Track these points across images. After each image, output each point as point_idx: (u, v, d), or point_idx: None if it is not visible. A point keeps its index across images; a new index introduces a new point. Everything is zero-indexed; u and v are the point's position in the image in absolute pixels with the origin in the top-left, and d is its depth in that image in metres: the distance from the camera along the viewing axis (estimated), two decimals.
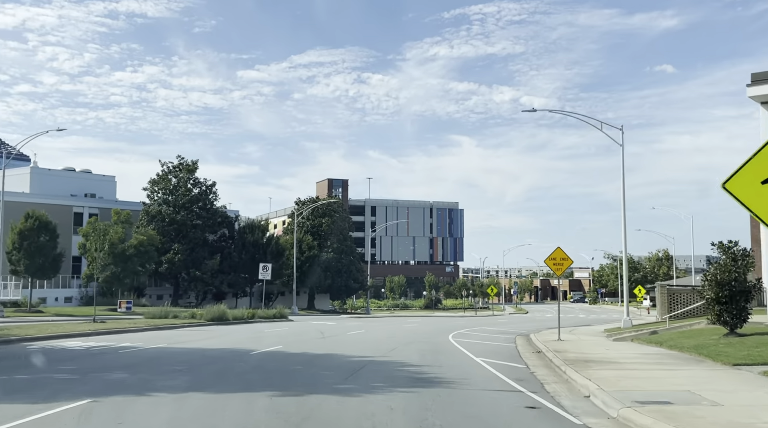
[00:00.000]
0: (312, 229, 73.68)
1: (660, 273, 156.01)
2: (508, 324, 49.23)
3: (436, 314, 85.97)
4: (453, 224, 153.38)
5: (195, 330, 30.23)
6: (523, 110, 26.83)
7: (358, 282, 73.25)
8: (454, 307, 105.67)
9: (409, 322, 48.25)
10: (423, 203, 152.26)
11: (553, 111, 34.75)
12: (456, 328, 39.36)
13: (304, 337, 26.78)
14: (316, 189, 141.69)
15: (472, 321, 54.58)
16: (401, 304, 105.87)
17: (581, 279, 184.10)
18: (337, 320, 47.99)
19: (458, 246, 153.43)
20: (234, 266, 61.23)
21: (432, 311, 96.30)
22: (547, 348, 21.22)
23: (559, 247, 25.78)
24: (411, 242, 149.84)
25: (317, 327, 35.22)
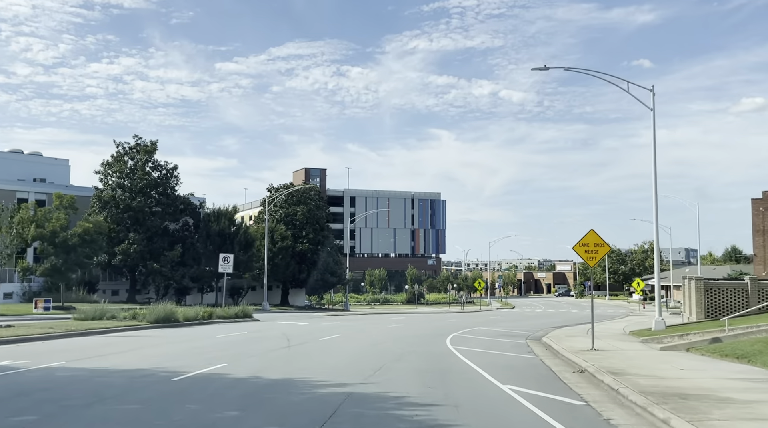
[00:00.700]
0: (286, 218, 67.47)
1: (647, 266, 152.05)
2: (504, 322, 43.67)
3: (420, 309, 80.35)
4: (435, 215, 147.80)
5: (128, 336, 24.06)
6: (533, 68, 22.83)
7: (336, 276, 67.25)
8: (438, 302, 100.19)
9: (394, 321, 42.49)
10: (404, 194, 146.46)
11: (569, 69, 28.05)
12: (449, 329, 33.62)
13: (262, 346, 20.76)
14: (292, 178, 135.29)
15: (463, 319, 48.96)
16: (382, 299, 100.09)
17: (565, 272, 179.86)
18: (311, 318, 42.07)
19: (440, 238, 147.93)
20: (197, 258, 54.89)
21: (415, 306, 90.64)
22: (590, 364, 15.47)
23: (592, 230, 20.06)
24: (392, 234, 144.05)
25: (285, 330, 29.21)
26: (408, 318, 47.86)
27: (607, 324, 42.35)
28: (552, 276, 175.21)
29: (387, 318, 47.11)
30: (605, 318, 56.39)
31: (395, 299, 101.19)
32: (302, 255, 65.29)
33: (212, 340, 22.81)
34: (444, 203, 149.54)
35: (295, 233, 66.27)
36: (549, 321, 47.31)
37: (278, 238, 61.97)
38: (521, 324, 42.87)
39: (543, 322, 46.14)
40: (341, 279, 68.92)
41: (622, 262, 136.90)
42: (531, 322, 45.83)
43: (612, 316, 60.75)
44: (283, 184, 68.22)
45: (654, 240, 30.08)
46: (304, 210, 67.30)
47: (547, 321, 47.35)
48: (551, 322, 46.18)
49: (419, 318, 49.15)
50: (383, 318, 46.93)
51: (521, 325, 41.06)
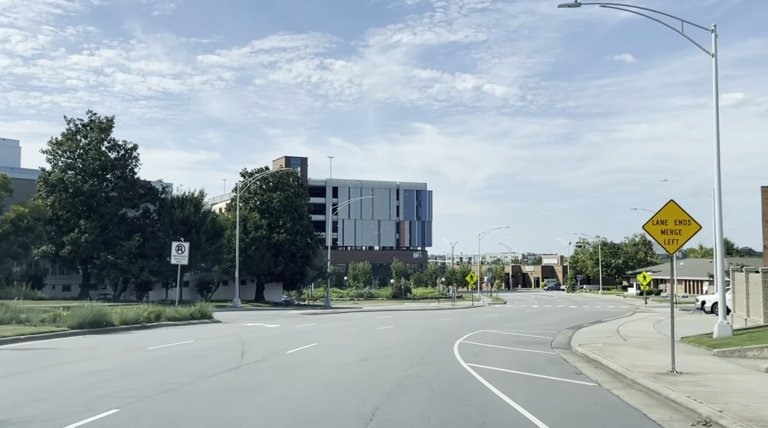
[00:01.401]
0: (261, 206, 61.09)
1: (640, 258, 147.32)
2: (506, 322, 37.80)
3: (407, 305, 74.39)
4: (421, 207, 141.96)
5: (24, 350, 17.76)
6: (560, 6, 18.72)
7: (315, 269, 60.98)
8: (425, 296, 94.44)
9: (380, 320, 36.47)
10: (389, 184, 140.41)
11: (606, 5, 22.09)
12: (448, 332, 27.76)
13: (199, 367, 14.53)
14: (272, 168, 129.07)
15: (458, 317, 43.02)
16: (366, 293, 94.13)
17: (553, 266, 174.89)
18: (285, 318, 35.92)
19: (426, 230, 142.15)
20: (159, 249, 48.41)
21: (401, 302, 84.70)
22: (712, 408, 9.53)
23: (672, 201, 14.08)
24: (376, 226, 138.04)
25: (246, 337, 23.02)
26: (396, 317, 41.89)
27: (629, 324, 36.60)
28: (540, 270, 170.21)
29: (372, 317, 41.09)
30: (612, 315, 50.75)
31: (380, 293, 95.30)
32: (279, 246, 58.99)
33: (135, 355, 16.57)
34: (430, 193, 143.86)
35: (272, 222, 59.92)
36: (555, 319, 41.55)
37: (251, 227, 55.60)
38: (527, 323, 37.04)
39: (549, 320, 40.35)
40: (322, 272, 62.71)
41: (615, 255, 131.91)
42: (536, 321, 40.05)
43: (617, 313, 55.26)
44: (258, 168, 61.77)
45: (716, 227, 24.18)
46: (281, 197, 60.93)
47: (553, 319, 41.58)
48: (558, 320, 40.42)
49: (409, 317, 43.15)
50: (368, 318, 40.91)
51: (528, 325, 35.24)
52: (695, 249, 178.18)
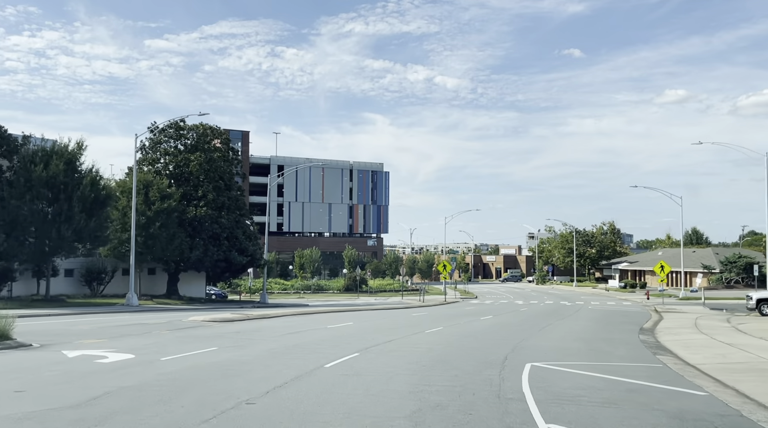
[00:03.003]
0: (175, 170, 46.74)
1: (616, 249, 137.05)
2: (515, 327, 24.90)
3: (364, 300, 61.02)
4: (377, 189, 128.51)
5: None
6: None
7: (246, 254, 46.80)
8: (383, 289, 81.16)
9: (332, 327, 23.00)
10: (341, 164, 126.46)
11: None
12: (452, 354, 14.37)
13: None
14: None
15: (442, 320, 29.84)
16: (314, 285, 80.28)
17: (516, 256, 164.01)
18: (169, 332, 22.07)
19: (382, 216, 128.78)
20: (10, 223, 33.66)
21: (356, 296, 71.15)
22: None
23: None
24: (327, 210, 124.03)
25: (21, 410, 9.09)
26: (355, 320, 28.45)
27: (720, 334, 23.93)
28: (502, 260, 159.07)
29: (320, 321, 27.55)
30: (643, 318, 38.54)
31: (331, 285, 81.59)
32: (197, 224, 44.71)
33: None
34: (387, 175, 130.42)
35: (188, 191, 45.62)
36: (582, 327, 28.79)
37: (156, 196, 41.07)
38: (555, 334, 24.11)
39: (575, 328, 27.58)
40: (255, 259, 48.51)
41: (588, 244, 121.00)
42: (558, 329, 27.31)
43: (641, 315, 43.22)
44: (169, 121, 47.05)
45: None
46: (202, 160, 46.57)
47: (579, 327, 28.83)
48: (587, 328, 27.64)
49: (372, 318, 29.77)
50: (313, 322, 27.35)
51: (558, 335, 22.52)
52: (662, 240, 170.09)
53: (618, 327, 29.64)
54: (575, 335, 24.46)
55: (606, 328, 28.52)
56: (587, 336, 24.12)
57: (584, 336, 24.05)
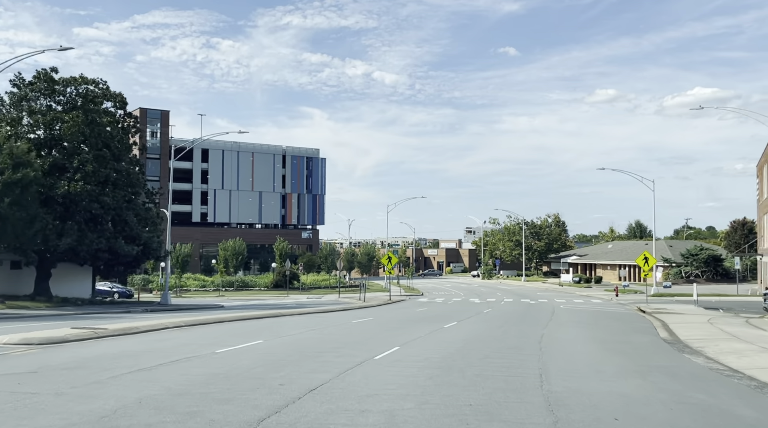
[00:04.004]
0: (46, 137, 36.03)
1: (566, 242, 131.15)
2: (495, 347, 16.08)
3: (294, 298, 51.53)
4: (312, 177, 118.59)
5: None
6: None
7: (137, 243, 36.44)
8: (318, 285, 71.79)
9: (214, 366, 13.61)
10: (273, 149, 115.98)
11: None
12: None
13: None
14: None
15: (385, 326, 20.87)
16: (239, 281, 70.20)
17: (459, 250, 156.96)
18: None
19: (318, 205, 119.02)
20: None
21: (285, 294, 61.52)
22: None
23: None
24: (257, 199, 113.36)
25: None
26: (268, 335, 19.12)
27: None
28: (444, 253, 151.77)
29: (212, 339, 18.10)
30: (628, 320, 30.77)
31: (258, 281, 71.65)
32: (70, 203, 34.21)
33: None
34: (323, 162, 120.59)
35: (59, 161, 35.05)
36: (583, 343, 20.26)
37: (5, 164, 30.38)
38: (569, 355, 15.55)
39: (588, 351, 19.03)
40: (149, 250, 38.10)
41: (537, 236, 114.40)
42: (562, 345, 18.81)
43: (621, 315, 35.63)
44: (43, 69, 36.13)
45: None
46: (81, 121, 35.95)
47: (583, 343, 20.31)
48: (594, 346, 19.10)
49: (295, 329, 20.47)
50: (201, 340, 17.92)
51: (582, 362, 13.79)
52: (605, 233, 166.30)
53: (636, 341, 21.27)
54: (597, 359, 15.89)
55: (623, 345, 20.11)
56: (623, 362, 15.54)
57: (618, 362, 15.47)
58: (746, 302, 44.70)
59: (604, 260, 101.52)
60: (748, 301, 46.20)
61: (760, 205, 64.83)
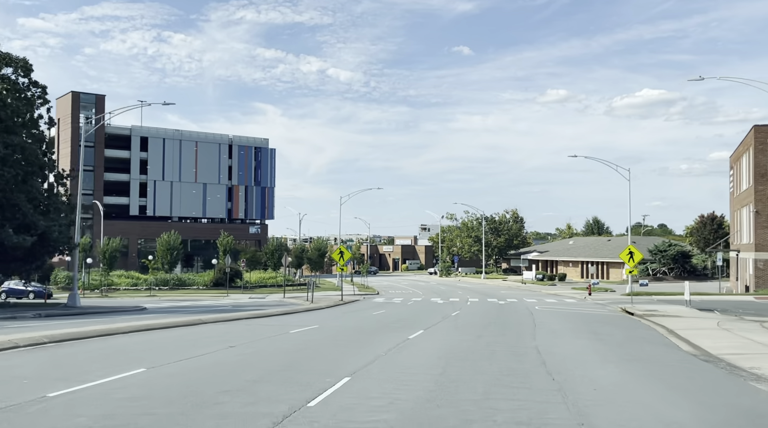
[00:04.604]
0: None
1: (526, 238, 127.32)
2: (488, 377, 10.53)
3: (233, 299, 45.35)
4: (261, 169, 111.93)
5: None
6: None
7: (33, 232, 29.72)
8: (263, 283, 65.61)
9: None
10: (219, 138, 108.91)
11: None
12: None
13: None
14: (56, 110, 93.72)
15: (333, 340, 15.22)
16: (174, 280, 63.51)
17: (415, 246, 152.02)
18: None
19: (267, 199, 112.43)
20: None
21: (224, 292, 55.14)
22: None
23: None
24: (201, 191, 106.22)
25: None
26: (163, 358, 13.27)
27: None
28: (400, 250, 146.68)
29: (82, 359, 12.13)
30: (620, 324, 25.85)
31: (197, 280, 65.06)
32: None
33: None
34: (273, 152, 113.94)
35: None
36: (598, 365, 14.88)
37: None
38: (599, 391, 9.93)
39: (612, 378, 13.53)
40: (49, 241, 31.34)
41: (497, 232, 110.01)
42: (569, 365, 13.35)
43: (603, 318, 30.81)
44: None
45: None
46: None
47: (598, 365, 14.93)
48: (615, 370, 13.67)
49: (206, 348, 14.63)
50: (68, 361, 11.91)
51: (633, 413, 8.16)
52: (562, 230, 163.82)
53: (662, 358, 16.11)
54: (645, 396, 10.58)
55: (652, 365, 14.92)
56: (688, 402, 10.24)
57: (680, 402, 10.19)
58: (735, 302, 40.43)
59: (566, 257, 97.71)
60: (736, 300, 41.99)
61: (734, 199, 61.34)
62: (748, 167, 52.19)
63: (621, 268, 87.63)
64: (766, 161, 48.57)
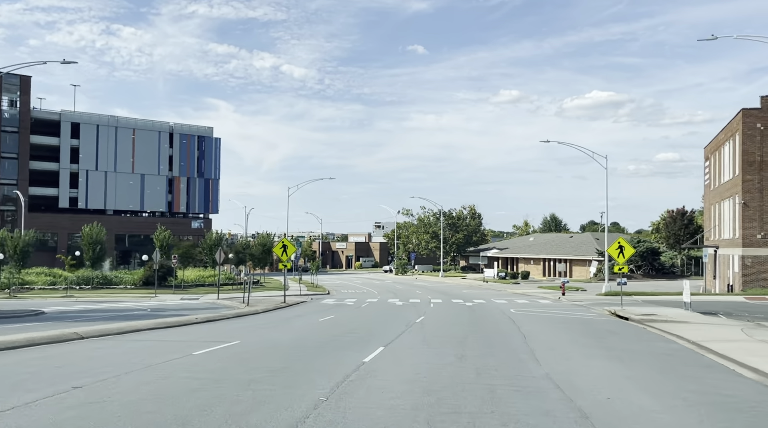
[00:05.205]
0: None
1: (485, 235, 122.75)
2: None
3: (160, 300, 38.77)
4: (205, 159, 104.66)
5: None
6: None
7: None
8: (201, 282, 59.11)
9: None
10: (159, 126, 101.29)
11: None
12: None
13: None
14: None
15: (252, 365, 9.36)
16: (100, 278, 56.37)
17: (369, 243, 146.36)
18: None
19: (212, 192, 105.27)
20: None
21: (152, 292, 48.39)
22: None
23: None
24: (139, 182, 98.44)
25: None
26: None
27: None
28: (353, 247, 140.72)
29: None
30: (625, 335, 20.50)
31: (126, 278, 58.00)
32: None
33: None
34: (218, 142, 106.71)
35: None
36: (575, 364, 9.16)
37: None
38: None
39: None
40: None
41: (455, 228, 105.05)
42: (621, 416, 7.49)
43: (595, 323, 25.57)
44: None
45: None
46: None
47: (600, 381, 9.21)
48: None
49: (50, 382, 8.70)
50: None
51: None
52: (520, 226, 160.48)
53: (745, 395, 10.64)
54: None
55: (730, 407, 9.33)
56: None
57: None
58: (728, 303, 35.82)
59: (527, 254, 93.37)
60: (726, 302, 37.44)
61: (711, 192, 57.31)
62: (732, 155, 47.99)
63: (586, 266, 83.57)
64: (756, 147, 44.32)
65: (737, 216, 45.93)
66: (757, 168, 44.25)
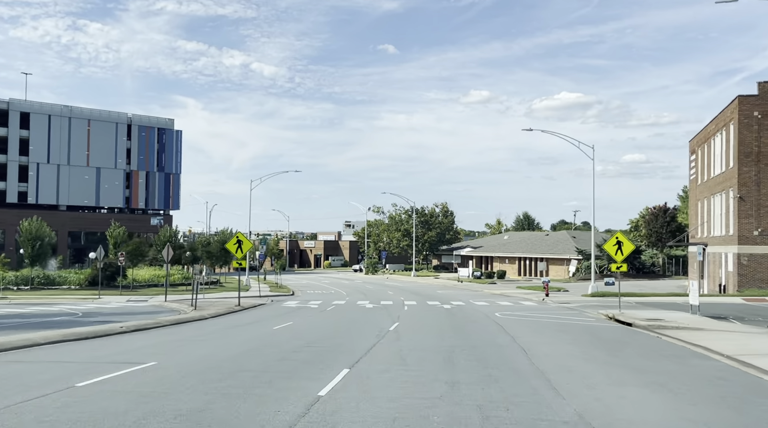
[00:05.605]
0: None
1: (458, 232, 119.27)
2: None
3: (103, 302, 34.03)
4: (165, 152, 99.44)
5: None
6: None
7: None
8: (155, 282, 54.38)
9: None
10: (116, 117, 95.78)
11: None
12: None
13: None
14: None
15: None
16: (42, 277, 51.41)
17: (339, 242, 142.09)
18: None
19: (173, 187, 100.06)
20: None
21: (96, 293, 43.66)
22: None
23: None
24: (94, 176, 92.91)
25: None
26: None
27: None
28: (322, 246, 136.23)
29: None
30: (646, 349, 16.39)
31: (70, 278, 53.06)
32: None
33: None
34: (179, 134, 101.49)
35: None
36: None
37: None
38: None
39: None
40: None
41: (428, 225, 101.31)
42: None
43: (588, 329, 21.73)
44: None
45: None
46: None
47: None
48: None
49: None
50: None
51: None
52: (492, 225, 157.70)
53: None
54: None
55: None
56: None
57: None
58: (728, 306, 32.55)
59: (501, 253, 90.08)
60: (724, 303, 34.19)
61: (699, 187, 54.31)
62: (724, 147, 44.92)
63: (563, 265, 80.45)
64: (753, 137, 41.24)
65: (731, 212, 42.86)
66: (754, 159, 41.16)
